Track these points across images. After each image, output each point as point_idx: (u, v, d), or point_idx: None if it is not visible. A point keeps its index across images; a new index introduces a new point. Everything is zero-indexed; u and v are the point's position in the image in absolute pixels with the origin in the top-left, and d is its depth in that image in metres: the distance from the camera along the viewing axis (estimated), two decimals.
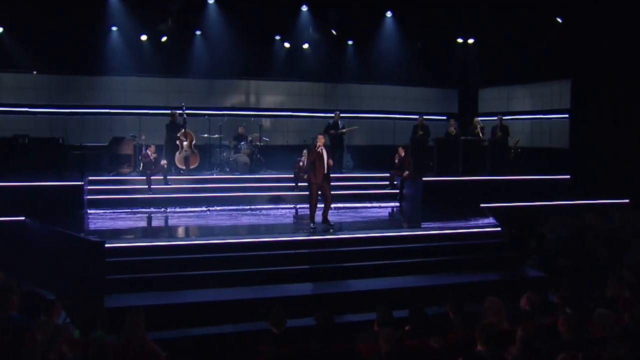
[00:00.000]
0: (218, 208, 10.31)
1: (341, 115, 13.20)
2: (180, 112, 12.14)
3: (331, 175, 8.60)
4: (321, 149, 7.97)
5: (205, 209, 10.32)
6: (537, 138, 14.52)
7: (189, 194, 10.89)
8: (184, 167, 12.00)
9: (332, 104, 15.13)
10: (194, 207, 10.35)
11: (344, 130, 12.91)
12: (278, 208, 10.60)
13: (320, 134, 8.50)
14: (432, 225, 9.38)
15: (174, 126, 12.13)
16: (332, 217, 8.67)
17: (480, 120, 13.30)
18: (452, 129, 13.20)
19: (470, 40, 15.01)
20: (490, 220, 9.52)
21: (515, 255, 8.64)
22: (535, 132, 14.59)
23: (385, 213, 10.88)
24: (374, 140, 15.65)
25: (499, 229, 9.00)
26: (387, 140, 15.36)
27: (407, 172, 11.48)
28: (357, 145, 14.68)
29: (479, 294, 7.31)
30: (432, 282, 7.69)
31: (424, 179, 11.63)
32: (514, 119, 14.51)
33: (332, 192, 8.61)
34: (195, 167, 12.22)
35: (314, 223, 8.25)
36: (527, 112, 14.88)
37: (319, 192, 8.21)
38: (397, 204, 11.36)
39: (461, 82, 16.14)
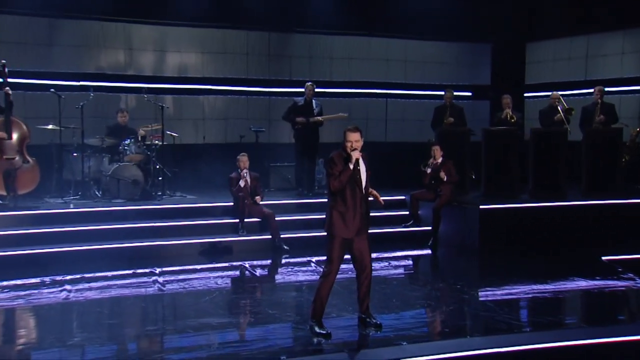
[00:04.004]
0: (88, 277, 8.58)
1: (316, 89, 12.10)
2: None
3: (298, 201, 9.67)
4: (358, 158, 6.25)
5: (54, 286, 8.27)
6: None
7: (15, 251, 9.25)
8: (4, 193, 10.34)
9: (281, 69, 14.17)
10: (27, 279, 8.48)
11: (320, 119, 11.74)
12: (213, 270, 9.29)
13: (350, 128, 6.36)
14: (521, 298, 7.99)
15: None
16: (290, 281, 8.62)
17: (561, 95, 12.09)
18: (508, 111, 11.93)
19: None
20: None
21: None
22: None
23: (399, 272, 9.75)
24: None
25: None
26: (376, 133, 14.47)
27: (442, 195, 10.54)
28: (325, 144, 13.20)
29: None
30: None
31: (481, 207, 10.35)
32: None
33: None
34: (31, 192, 10.65)
35: (320, 326, 6.22)
36: (632, 81, 13.59)
37: (344, 256, 6.41)
38: (428, 252, 10.36)
39: (499, 31, 14.83)
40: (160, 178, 11.28)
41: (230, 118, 13.53)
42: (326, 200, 11.30)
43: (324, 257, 9.36)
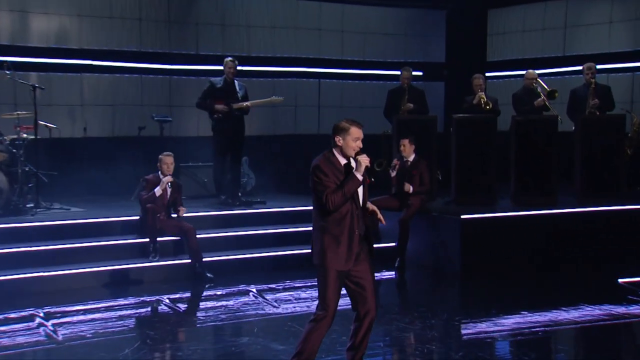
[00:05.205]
0: None
1: (238, 66, 12.00)
2: None
3: (219, 213, 10.07)
4: (359, 164, 6.15)
5: None
6: None
7: None
8: None
9: (186, 40, 14.09)
10: None
11: (246, 105, 11.65)
12: (121, 309, 8.88)
13: (352, 121, 6.22)
14: None
15: None
16: (233, 321, 8.35)
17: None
18: (482, 95, 11.85)
19: None
20: None
21: None
22: None
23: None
24: (280, 124, 14.80)
25: None
26: (307, 123, 14.93)
27: (411, 205, 10.53)
28: (252, 137, 13.38)
29: None
30: None
31: (462, 216, 10.31)
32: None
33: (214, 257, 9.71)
34: None
35: None
36: (622, 56, 13.78)
37: (340, 293, 6.12)
38: (392, 275, 10.38)
39: None
40: (31, 185, 10.73)
41: (119, 104, 13.16)
42: (252, 211, 11.38)
43: (265, 285, 9.48)
